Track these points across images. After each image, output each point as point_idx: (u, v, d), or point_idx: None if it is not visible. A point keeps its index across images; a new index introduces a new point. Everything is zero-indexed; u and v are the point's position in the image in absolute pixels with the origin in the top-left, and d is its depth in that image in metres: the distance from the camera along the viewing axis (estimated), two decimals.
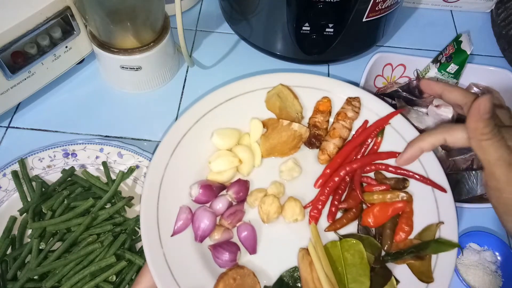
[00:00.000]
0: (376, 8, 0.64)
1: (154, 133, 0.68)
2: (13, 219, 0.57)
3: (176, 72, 0.76)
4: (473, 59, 0.79)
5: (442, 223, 0.54)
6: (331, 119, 0.63)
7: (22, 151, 0.63)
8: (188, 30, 0.81)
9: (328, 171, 0.58)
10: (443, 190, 0.55)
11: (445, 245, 0.52)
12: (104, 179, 0.61)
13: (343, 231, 0.56)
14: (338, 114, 0.62)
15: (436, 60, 0.69)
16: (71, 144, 0.63)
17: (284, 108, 0.62)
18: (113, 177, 0.61)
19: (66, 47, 0.67)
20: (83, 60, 0.73)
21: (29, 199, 0.59)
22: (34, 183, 0.59)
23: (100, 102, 0.72)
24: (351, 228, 0.56)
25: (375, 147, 0.60)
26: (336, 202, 0.56)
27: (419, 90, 0.66)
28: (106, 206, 0.58)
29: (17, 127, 0.68)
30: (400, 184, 0.56)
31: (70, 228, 0.56)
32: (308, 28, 0.65)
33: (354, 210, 0.56)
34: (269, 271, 0.53)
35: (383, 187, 0.56)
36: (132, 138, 0.68)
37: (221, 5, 0.79)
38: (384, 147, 0.60)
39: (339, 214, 0.57)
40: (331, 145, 0.60)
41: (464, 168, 0.61)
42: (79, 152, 0.63)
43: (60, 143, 0.63)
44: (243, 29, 0.74)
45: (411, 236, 0.54)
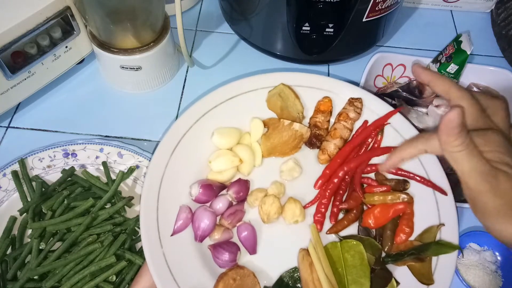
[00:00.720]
0: (376, 8, 0.64)
1: (154, 133, 0.68)
2: (13, 219, 0.57)
3: (176, 72, 0.76)
4: (473, 59, 0.79)
5: (443, 225, 0.54)
6: (332, 119, 0.63)
7: (22, 151, 0.63)
8: (188, 30, 0.81)
9: (328, 171, 0.58)
10: (443, 192, 0.55)
11: (446, 247, 0.52)
12: (104, 179, 0.61)
13: (344, 232, 0.56)
14: (339, 114, 0.62)
15: (436, 60, 0.69)
16: (71, 144, 0.63)
17: (285, 107, 0.61)
18: (113, 177, 0.61)
19: (66, 47, 0.66)
20: (83, 60, 0.72)
21: (29, 199, 0.59)
22: (34, 183, 0.59)
23: (100, 102, 0.72)
24: (352, 229, 0.56)
25: (375, 145, 0.60)
26: (337, 203, 0.56)
27: (419, 90, 0.66)
28: (106, 206, 0.58)
29: (17, 127, 0.68)
30: (400, 185, 0.57)
31: (70, 228, 0.56)
32: (308, 28, 0.65)
33: (354, 211, 0.56)
34: (269, 271, 0.53)
35: (384, 188, 0.56)
36: (132, 138, 0.68)
37: (221, 5, 0.79)
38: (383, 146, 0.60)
39: (340, 215, 0.57)
40: (331, 145, 0.60)
41: None
42: (79, 152, 0.63)
43: (60, 143, 0.63)
44: (243, 29, 0.74)
45: (412, 237, 0.54)
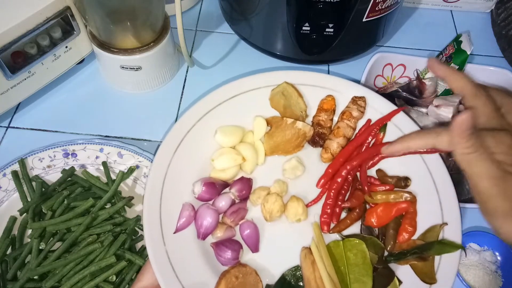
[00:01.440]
0: (376, 8, 0.64)
1: (154, 133, 0.68)
2: (13, 219, 0.57)
3: (176, 72, 0.76)
4: (473, 59, 0.79)
5: (446, 224, 0.53)
6: (335, 118, 0.63)
7: (22, 151, 0.62)
8: (188, 30, 0.81)
9: (330, 170, 0.58)
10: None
11: (449, 246, 0.52)
12: (104, 179, 0.61)
13: (346, 231, 0.55)
14: (343, 113, 0.62)
15: None
16: (71, 144, 0.63)
17: (288, 106, 0.61)
18: (113, 177, 0.61)
19: (66, 47, 0.66)
20: (83, 60, 0.72)
21: (29, 199, 0.59)
22: (34, 183, 0.59)
23: (100, 102, 0.72)
24: (354, 228, 0.56)
25: (377, 143, 0.60)
26: (339, 202, 0.56)
27: (419, 90, 0.66)
28: (106, 206, 0.58)
29: (17, 127, 0.68)
30: (401, 182, 0.56)
31: (70, 228, 0.56)
32: (308, 28, 0.65)
33: (357, 210, 0.56)
34: (272, 269, 0.53)
35: (387, 187, 0.56)
36: (132, 138, 0.68)
37: (221, 5, 0.79)
38: None
39: (343, 215, 0.57)
40: (334, 144, 0.59)
41: None
42: (79, 152, 0.63)
43: (60, 143, 0.63)
44: (243, 29, 0.74)
45: (415, 236, 0.54)
